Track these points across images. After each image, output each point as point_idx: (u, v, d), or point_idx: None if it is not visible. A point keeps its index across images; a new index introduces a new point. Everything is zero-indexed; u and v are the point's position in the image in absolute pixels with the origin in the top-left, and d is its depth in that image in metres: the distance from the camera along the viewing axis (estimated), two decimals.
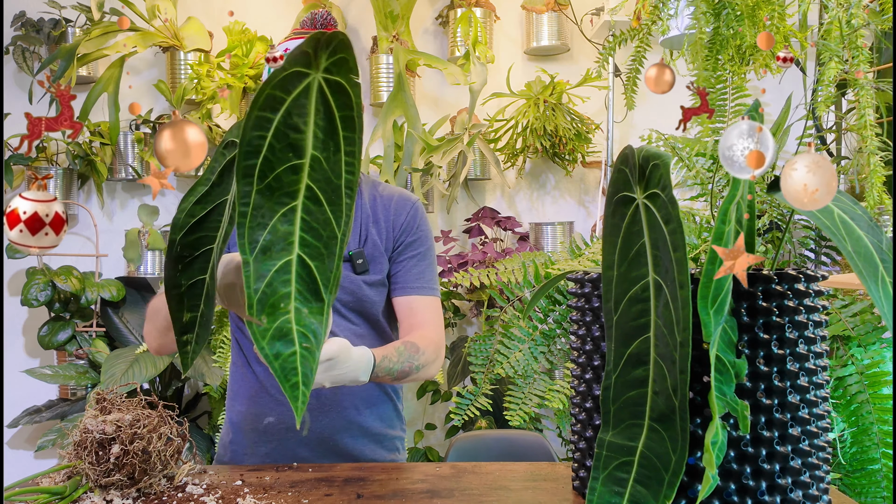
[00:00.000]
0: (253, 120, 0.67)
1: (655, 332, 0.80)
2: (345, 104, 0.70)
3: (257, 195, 0.69)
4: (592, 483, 0.83)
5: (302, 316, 0.71)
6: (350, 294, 1.41)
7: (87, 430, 0.99)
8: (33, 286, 2.51)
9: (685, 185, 2.17)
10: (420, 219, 1.49)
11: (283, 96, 0.68)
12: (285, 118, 0.68)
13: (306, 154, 0.70)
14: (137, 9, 2.53)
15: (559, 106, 2.66)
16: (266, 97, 0.68)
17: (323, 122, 0.69)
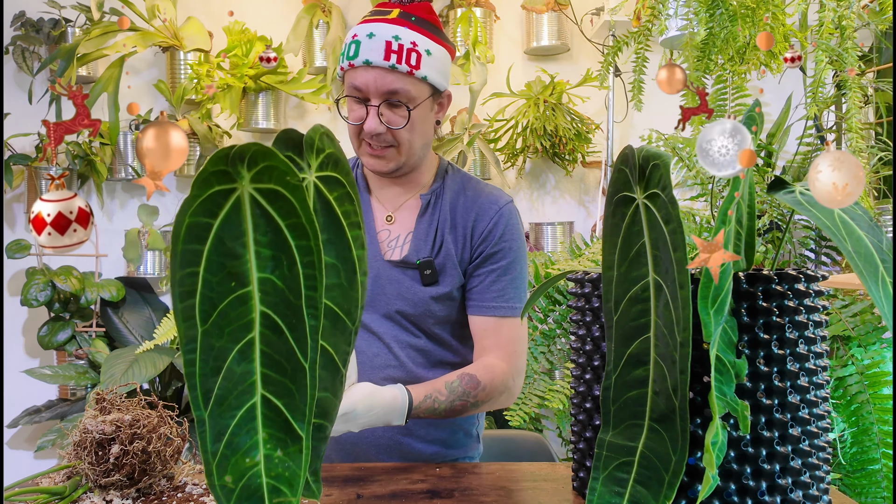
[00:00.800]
0: (179, 256, 0.56)
1: (655, 333, 0.80)
2: (290, 212, 0.58)
3: (205, 337, 0.58)
4: (592, 483, 0.83)
5: (274, 464, 0.60)
6: (413, 306, 1.29)
7: (86, 431, 0.99)
8: (33, 286, 2.51)
9: (685, 185, 2.17)
10: (506, 226, 1.32)
11: (208, 221, 0.57)
12: (216, 245, 0.57)
13: (252, 280, 0.58)
14: (137, 9, 2.53)
15: (559, 106, 2.66)
16: (188, 227, 0.56)
17: (267, 237, 0.58)
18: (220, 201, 0.57)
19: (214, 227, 0.57)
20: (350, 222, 0.66)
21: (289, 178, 0.57)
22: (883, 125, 1.98)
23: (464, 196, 1.34)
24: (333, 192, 0.66)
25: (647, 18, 1.39)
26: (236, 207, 0.57)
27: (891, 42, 1.88)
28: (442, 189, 1.35)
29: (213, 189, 0.56)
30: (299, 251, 0.59)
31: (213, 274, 0.58)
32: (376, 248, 1.32)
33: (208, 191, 0.56)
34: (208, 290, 0.57)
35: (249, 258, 0.58)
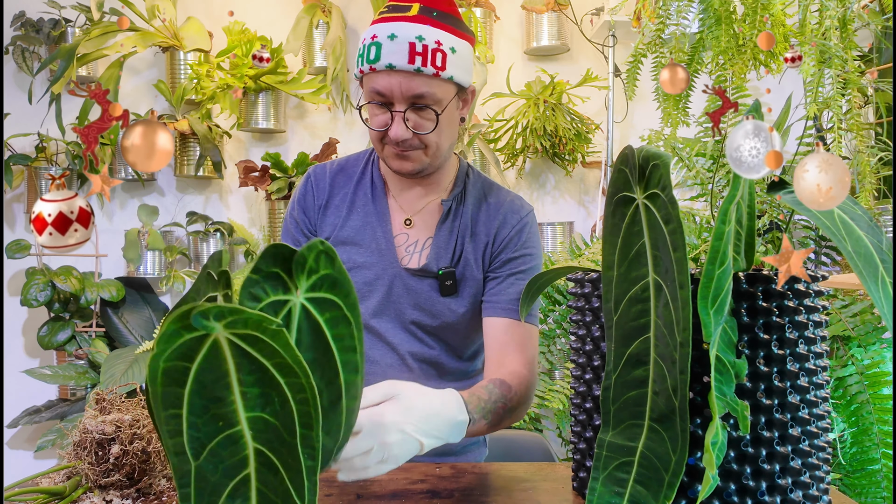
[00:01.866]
0: (160, 398, 0.53)
1: (655, 333, 0.80)
2: (273, 354, 0.54)
3: (198, 471, 0.54)
4: (592, 483, 0.83)
5: None
6: (433, 317, 1.26)
7: (86, 431, 0.99)
8: (33, 286, 2.51)
9: (685, 185, 2.17)
10: (528, 235, 1.29)
11: (186, 365, 0.53)
12: (197, 389, 0.53)
13: (240, 420, 0.54)
14: (137, 9, 2.53)
15: (559, 106, 2.66)
16: (164, 371, 0.52)
17: (253, 376, 0.54)
18: (194, 346, 0.52)
19: (193, 370, 0.53)
20: (343, 346, 0.62)
21: (265, 325, 0.53)
22: (883, 125, 1.97)
23: (486, 204, 1.30)
24: (325, 314, 0.61)
25: (647, 19, 1.40)
26: (214, 351, 0.53)
27: (891, 42, 1.88)
28: (463, 195, 1.30)
29: (183, 339, 0.52)
30: (290, 388, 0.55)
31: (197, 416, 0.54)
32: (392, 254, 1.27)
33: (178, 340, 0.52)
34: (195, 431, 0.54)
35: (235, 399, 0.55)
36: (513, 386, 1.16)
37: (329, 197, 1.31)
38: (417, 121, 1.17)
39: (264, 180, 2.69)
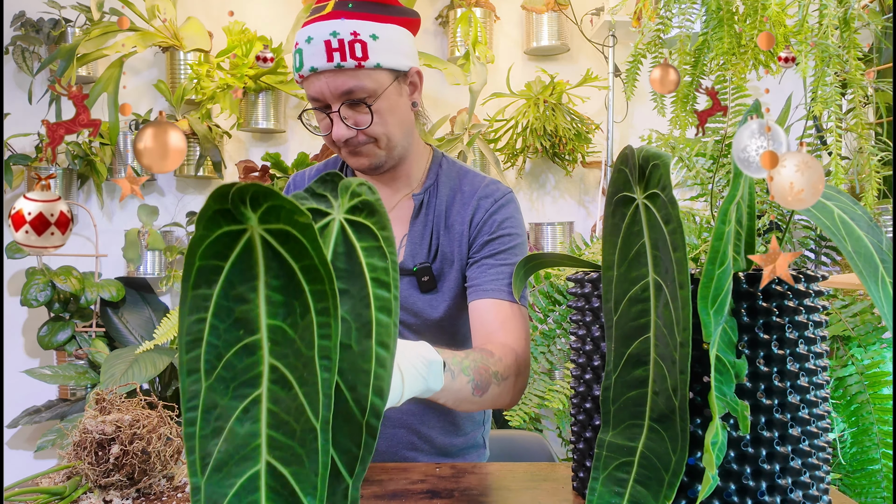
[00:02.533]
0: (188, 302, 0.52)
1: (655, 333, 0.80)
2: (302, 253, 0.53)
3: (208, 392, 0.53)
4: (592, 483, 0.83)
5: None
6: (414, 316, 1.22)
7: (86, 431, 0.99)
8: (33, 286, 2.51)
9: (685, 185, 2.17)
10: (505, 216, 1.22)
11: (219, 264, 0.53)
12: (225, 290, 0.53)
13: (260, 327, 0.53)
14: (137, 9, 2.53)
15: (559, 106, 2.66)
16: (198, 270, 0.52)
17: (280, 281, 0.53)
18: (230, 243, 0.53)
19: (225, 269, 0.53)
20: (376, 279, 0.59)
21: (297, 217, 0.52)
22: (883, 125, 1.97)
23: (460, 193, 1.24)
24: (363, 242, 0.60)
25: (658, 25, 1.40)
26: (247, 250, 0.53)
27: (891, 42, 1.88)
28: (436, 186, 1.26)
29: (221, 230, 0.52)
30: (313, 296, 0.53)
31: (221, 320, 0.53)
32: None
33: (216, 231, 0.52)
34: (215, 338, 0.53)
35: (259, 303, 0.54)
36: (495, 352, 1.10)
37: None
38: (355, 117, 1.14)
39: (264, 180, 2.69)
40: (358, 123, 1.14)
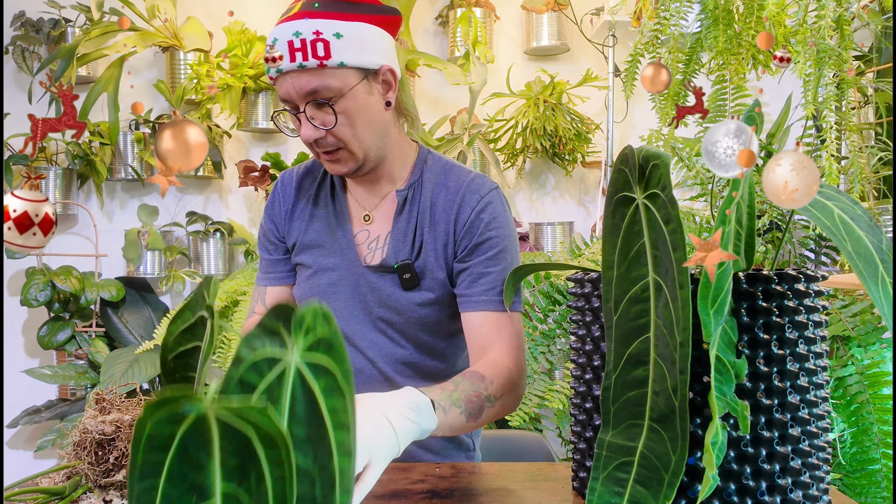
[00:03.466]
0: (138, 469, 0.50)
1: (655, 333, 0.80)
2: (256, 425, 0.51)
3: None
4: (592, 483, 0.83)
5: None
6: (397, 314, 1.21)
7: (86, 431, 0.99)
8: (33, 286, 2.51)
9: (685, 185, 2.17)
10: (492, 214, 1.19)
11: (171, 430, 0.51)
12: (180, 455, 0.51)
13: (215, 492, 0.51)
14: (137, 9, 2.53)
15: (559, 106, 2.66)
16: (148, 438, 0.50)
17: (234, 446, 0.51)
18: (180, 417, 0.50)
19: (179, 434, 0.50)
20: (336, 422, 0.57)
21: (252, 408, 0.50)
22: (883, 125, 1.97)
23: (445, 189, 1.21)
24: (321, 381, 0.58)
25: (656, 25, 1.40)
26: (200, 420, 0.50)
27: (891, 42, 1.88)
28: (420, 182, 1.23)
29: (175, 409, 0.50)
30: (269, 462, 0.51)
31: (175, 486, 0.51)
32: (354, 253, 1.23)
33: (172, 409, 0.50)
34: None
35: (214, 468, 0.51)
36: (486, 375, 1.09)
37: (294, 202, 1.30)
38: (322, 117, 1.12)
39: (264, 180, 2.69)
40: (324, 124, 1.12)
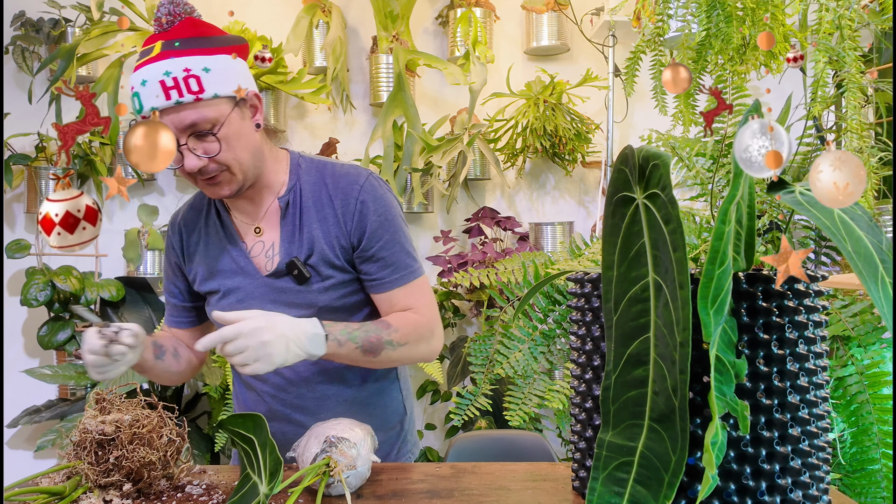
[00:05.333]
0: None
1: (655, 332, 0.80)
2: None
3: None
4: (592, 483, 0.83)
5: None
6: (308, 307, 1.28)
7: (86, 431, 0.99)
8: (33, 286, 2.51)
9: (685, 185, 2.17)
10: (371, 202, 1.28)
11: None
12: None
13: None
14: (137, 9, 2.53)
15: (559, 106, 2.66)
16: None
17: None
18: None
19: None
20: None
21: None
22: (883, 125, 1.97)
23: (323, 185, 1.30)
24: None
25: (657, 24, 1.39)
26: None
27: (891, 42, 1.88)
28: (298, 185, 1.31)
29: None
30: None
31: None
32: (252, 266, 1.30)
33: None
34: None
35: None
36: (392, 324, 1.24)
37: (186, 241, 1.37)
38: (203, 146, 1.18)
39: None
40: (207, 152, 1.18)
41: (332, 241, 1.28)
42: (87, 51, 2.40)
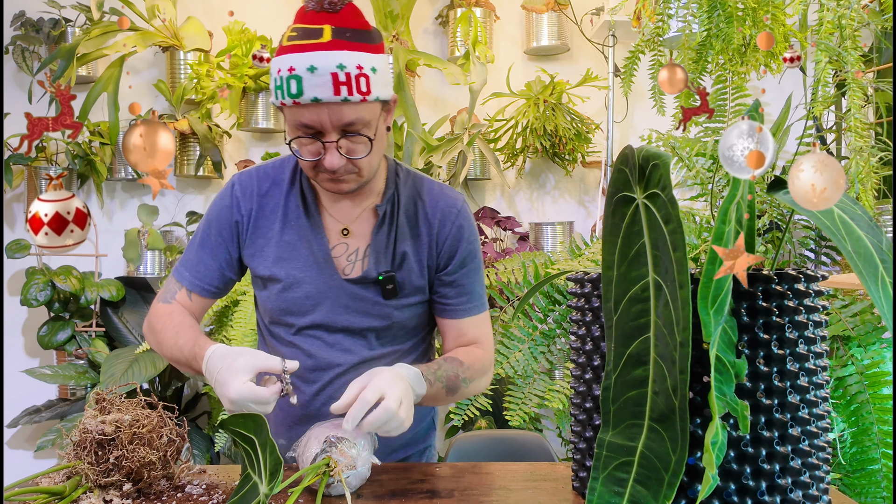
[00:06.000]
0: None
1: (655, 332, 0.80)
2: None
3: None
4: (592, 483, 0.83)
5: None
6: (380, 319, 1.26)
7: (86, 431, 0.99)
8: (33, 286, 2.51)
9: (685, 185, 2.17)
10: (467, 228, 1.29)
11: None
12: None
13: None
14: (137, 9, 2.53)
15: (559, 106, 2.66)
16: None
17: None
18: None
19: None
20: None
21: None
22: (883, 125, 1.97)
23: (420, 202, 1.28)
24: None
25: (657, 24, 1.39)
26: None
27: (891, 42, 1.87)
28: (396, 195, 1.28)
29: None
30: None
31: None
32: (332, 267, 1.25)
33: None
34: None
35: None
36: (465, 362, 1.24)
37: (258, 211, 1.27)
38: (350, 146, 1.14)
39: None
40: (351, 152, 1.14)
41: (421, 259, 1.26)
42: (87, 51, 2.40)
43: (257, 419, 0.96)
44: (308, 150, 1.15)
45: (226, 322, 2.39)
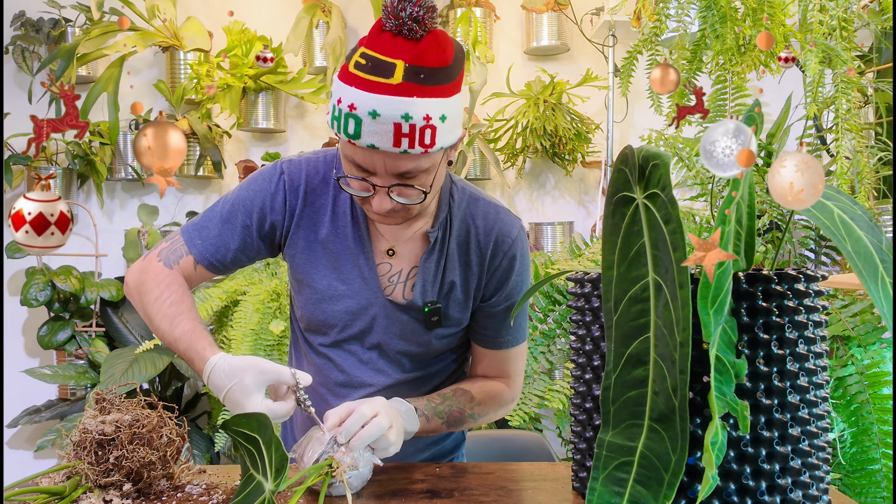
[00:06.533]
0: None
1: (655, 332, 0.80)
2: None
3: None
4: (592, 483, 0.83)
5: None
6: (419, 346, 1.21)
7: (86, 431, 0.99)
8: (33, 286, 2.51)
9: (685, 185, 2.17)
10: (519, 260, 1.21)
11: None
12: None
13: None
14: (137, 9, 2.53)
15: (559, 106, 2.66)
16: None
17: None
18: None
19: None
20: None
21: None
22: (883, 125, 1.97)
23: (474, 227, 1.19)
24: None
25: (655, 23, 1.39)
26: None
27: (891, 42, 1.87)
28: (449, 219, 1.20)
29: None
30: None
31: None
32: (376, 284, 1.18)
33: None
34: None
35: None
36: (476, 397, 1.22)
37: (303, 207, 1.19)
38: (403, 191, 1.05)
39: None
40: (403, 197, 1.05)
41: (468, 289, 1.20)
42: (87, 51, 2.40)
43: (261, 418, 0.96)
44: (358, 184, 1.07)
45: (226, 322, 2.39)
